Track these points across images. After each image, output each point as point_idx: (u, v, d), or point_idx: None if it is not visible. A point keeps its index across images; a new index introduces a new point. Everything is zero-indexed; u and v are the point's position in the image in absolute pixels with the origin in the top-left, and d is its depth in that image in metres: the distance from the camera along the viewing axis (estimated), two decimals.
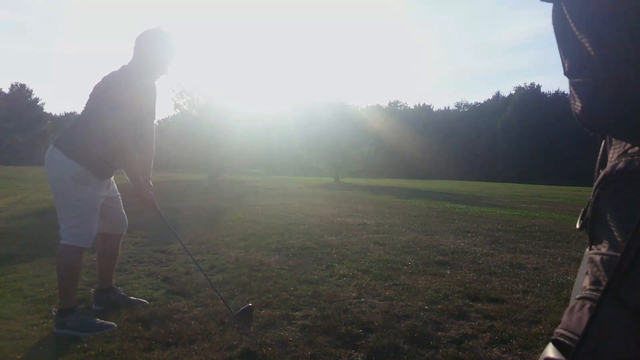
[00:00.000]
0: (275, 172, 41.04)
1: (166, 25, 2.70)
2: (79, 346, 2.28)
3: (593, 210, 0.53)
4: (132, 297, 2.98)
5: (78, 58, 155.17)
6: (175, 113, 26.91)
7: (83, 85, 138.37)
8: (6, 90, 63.38)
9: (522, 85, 73.13)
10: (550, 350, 0.49)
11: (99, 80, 2.62)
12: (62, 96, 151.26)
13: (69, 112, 75.89)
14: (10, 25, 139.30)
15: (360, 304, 3.03)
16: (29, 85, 78.56)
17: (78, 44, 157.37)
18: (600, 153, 0.59)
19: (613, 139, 0.54)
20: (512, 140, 65.95)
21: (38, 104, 65.17)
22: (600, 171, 0.54)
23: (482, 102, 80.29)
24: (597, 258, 0.50)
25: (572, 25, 0.49)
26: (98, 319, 2.57)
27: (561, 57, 0.53)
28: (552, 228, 7.13)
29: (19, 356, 2.17)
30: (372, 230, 6.36)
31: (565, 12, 0.50)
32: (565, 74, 0.53)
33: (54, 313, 2.56)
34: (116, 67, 2.67)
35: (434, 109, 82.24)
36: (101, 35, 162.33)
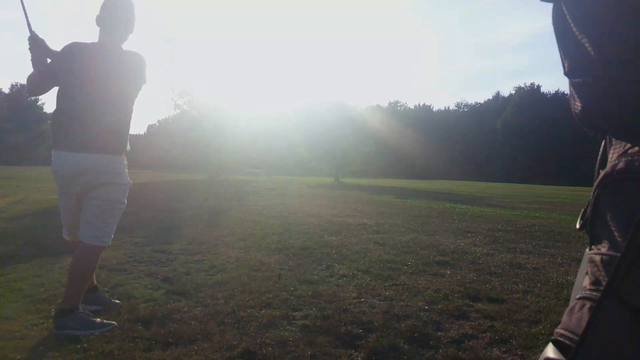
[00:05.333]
0: (275, 172, 41.04)
1: None
2: (79, 346, 2.27)
3: (593, 210, 0.53)
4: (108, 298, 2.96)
5: None
6: (175, 113, 26.91)
7: None
8: (6, 90, 63.44)
9: (522, 85, 73.24)
10: (550, 350, 0.49)
11: None
12: None
13: None
14: (10, 25, 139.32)
15: (360, 304, 3.03)
16: None
17: None
18: (600, 153, 0.59)
19: (613, 139, 0.54)
20: (512, 140, 65.95)
21: (38, 104, 65.22)
22: (600, 171, 0.54)
23: (482, 102, 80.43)
24: (597, 258, 0.50)
25: (572, 25, 0.49)
26: (98, 319, 2.57)
27: (561, 57, 0.53)
28: (552, 228, 7.13)
29: (19, 356, 2.17)
30: (372, 230, 6.36)
31: (565, 12, 0.50)
32: (565, 74, 0.53)
33: (53, 313, 2.56)
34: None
35: (434, 109, 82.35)
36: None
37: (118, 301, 2.95)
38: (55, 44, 2.67)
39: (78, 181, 2.53)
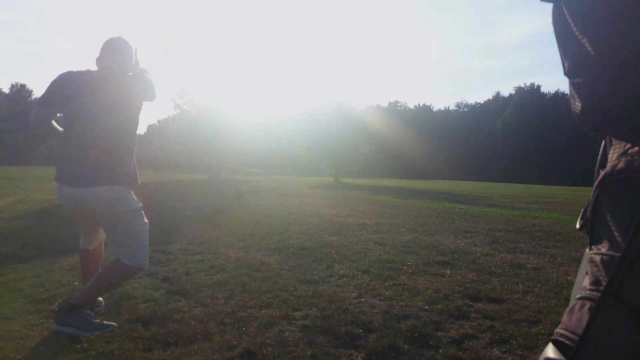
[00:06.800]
0: (275, 172, 41.06)
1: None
2: (79, 346, 2.27)
3: (593, 210, 0.53)
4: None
5: (78, 57, 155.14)
6: (175, 113, 26.94)
7: None
8: (6, 90, 63.46)
9: (522, 85, 73.30)
10: (550, 350, 0.49)
11: None
12: None
13: None
14: (10, 25, 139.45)
15: (360, 304, 3.03)
16: (29, 85, 78.72)
17: (78, 43, 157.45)
18: (600, 153, 0.59)
19: (613, 139, 0.54)
20: (512, 140, 65.99)
21: None
22: (600, 171, 0.54)
23: (482, 102, 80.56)
24: (597, 258, 0.49)
25: (572, 25, 0.49)
26: (98, 319, 2.57)
27: (561, 57, 0.53)
28: (552, 228, 7.13)
29: (19, 356, 2.17)
30: (372, 230, 6.36)
31: (565, 12, 0.50)
32: (565, 74, 0.53)
33: (57, 307, 2.57)
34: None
35: (434, 109, 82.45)
36: (102, 34, 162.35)
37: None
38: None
39: (84, 209, 2.53)
